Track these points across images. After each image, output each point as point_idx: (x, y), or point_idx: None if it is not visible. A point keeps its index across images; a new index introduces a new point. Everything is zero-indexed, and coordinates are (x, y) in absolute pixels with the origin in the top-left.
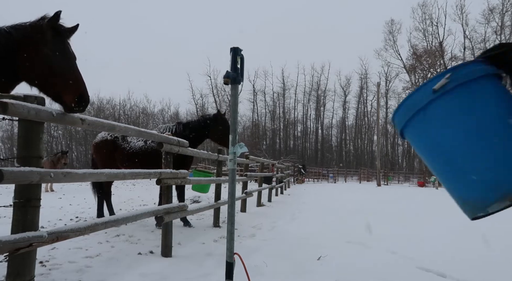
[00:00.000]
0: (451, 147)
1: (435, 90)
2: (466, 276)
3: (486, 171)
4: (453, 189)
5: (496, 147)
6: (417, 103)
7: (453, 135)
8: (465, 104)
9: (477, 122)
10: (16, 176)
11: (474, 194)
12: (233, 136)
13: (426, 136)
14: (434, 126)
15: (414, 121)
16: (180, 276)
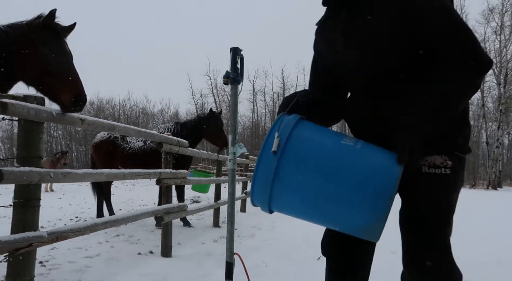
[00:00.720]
0: (313, 194)
1: (275, 152)
2: (466, 276)
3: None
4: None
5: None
6: (267, 174)
7: (310, 183)
8: (301, 150)
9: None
10: (16, 176)
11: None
12: (232, 136)
13: (293, 199)
14: (293, 186)
15: (276, 192)
16: (180, 276)
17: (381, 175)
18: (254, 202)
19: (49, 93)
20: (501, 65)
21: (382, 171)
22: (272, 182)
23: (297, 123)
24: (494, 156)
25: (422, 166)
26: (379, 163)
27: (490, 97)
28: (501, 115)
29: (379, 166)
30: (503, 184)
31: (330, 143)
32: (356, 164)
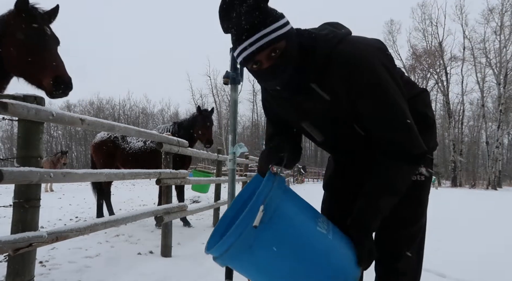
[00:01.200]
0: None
1: (255, 226)
2: (466, 276)
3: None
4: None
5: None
6: (243, 246)
7: (279, 265)
8: (281, 231)
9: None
10: (16, 176)
11: None
12: (232, 136)
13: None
14: (261, 263)
15: (242, 256)
16: (180, 276)
17: (346, 278)
18: (209, 248)
19: (31, 80)
20: (501, 65)
21: (346, 274)
22: (245, 250)
23: (283, 196)
24: (494, 156)
25: None
26: (345, 265)
27: (490, 97)
28: (501, 115)
29: (346, 267)
30: (503, 184)
31: (307, 228)
32: (326, 260)
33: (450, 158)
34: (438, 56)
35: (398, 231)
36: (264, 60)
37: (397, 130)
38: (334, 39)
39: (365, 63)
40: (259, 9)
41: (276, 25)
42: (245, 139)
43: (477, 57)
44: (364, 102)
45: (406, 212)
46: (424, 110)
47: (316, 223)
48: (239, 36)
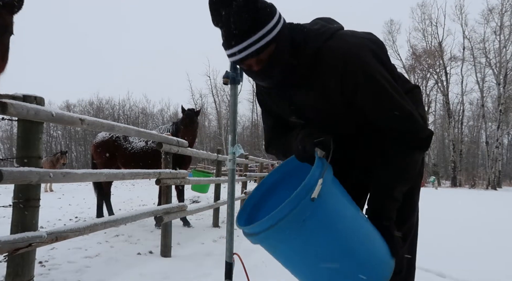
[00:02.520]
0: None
1: (313, 199)
2: (466, 276)
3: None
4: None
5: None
6: (296, 218)
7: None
8: (332, 209)
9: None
10: (16, 176)
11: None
12: (232, 136)
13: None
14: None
15: (285, 233)
16: (179, 276)
17: (381, 264)
18: (241, 223)
19: None
20: (501, 65)
21: (384, 261)
22: (299, 223)
23: (334, 179)
24: (493, 156)
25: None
26: (384, 252)
27: (490, 97)
28: (500, 115)
29: (386, 255)
30: (503, 184)
31: (354, 211)
32: (372, 244)
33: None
34: (438, 56)
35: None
36: (253, 64)
37: (400, 118)
38: (325, 34)
39: (357, 58)
40: (248, 10)
41: (266, 29)
42: (244, 139)
43: (476, 57)
44: (362, 97)
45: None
46: (416, 94)
47: (358, 210)
48: (228, 41)
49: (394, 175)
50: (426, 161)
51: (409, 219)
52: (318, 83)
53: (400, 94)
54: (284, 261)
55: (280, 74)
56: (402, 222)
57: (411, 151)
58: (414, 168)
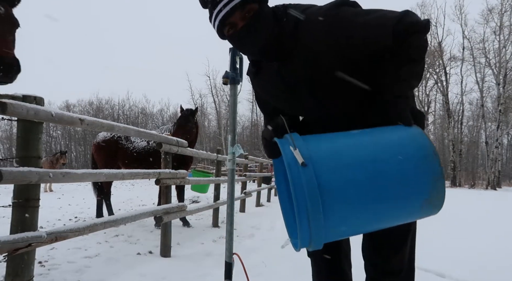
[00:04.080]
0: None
1: (304, 164)
2: (466, 276)
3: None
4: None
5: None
6: (311, 192)
7: (360, 174)
8: (330, 149)
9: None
10: (15, 176)
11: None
12: (232, 136)
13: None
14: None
15: (329, 209)
16: (179, 276)
17: (413, 140)
18: (303, 244)
19: None
20: (500, 65)
21: (409, 137)
22: (320, 197)
23: (305, 137)
24: (493, 156)
25: None
26: (400, 133)
27: (489, 97)
28: (500, 115)
29: (403, 135)
30: (502, 184)
31: (346, 135)
32: (387, 141)
33: (449, 158)
34: (438, 56)
35: (387, 231)
36: (238, 20)
37: (395, 19)
38: (304, 5)
39: (332, 8)
40: None
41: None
42: (244, 139)
43: (476, 57)
44: (354, 34)
45: None
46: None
47: (349, 132)
48: (215, 0)
49: (409, 63)
50: None
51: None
52: (302, 50)
53: (380, 9)
54: (358, 222)
55: (265, 35)
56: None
57: (420, 36)
58: (424, 54)
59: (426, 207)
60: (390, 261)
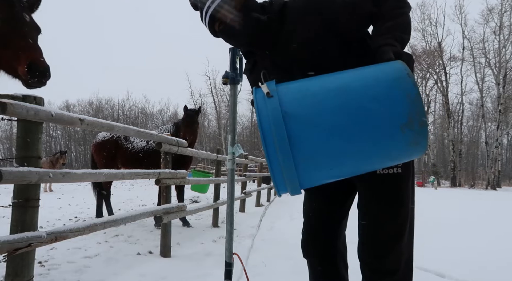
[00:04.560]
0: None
1: (268, 94)
2: (466, 276)
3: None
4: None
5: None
6: (277, 128)
7: (332, 115)
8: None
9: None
10: (15, 176)
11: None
12: (232, 136)
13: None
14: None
15: (300, 152)
16: (179, 276)
17: (388, 66)
18: (280, 189)
19: (7, 69)
20: (500, 65)
21: (385, 66)
22: (286, 124)
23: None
24: (493, 156)
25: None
26: (377, 66)
27: (489, 97)
28: (500, 115)
29: (380, 66)
30: (502, 184)
31: (317, 78)
32: (360, 71)
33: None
34: (438, 56)
35: (377, 230)
36: (227, 13)
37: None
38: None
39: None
40: None
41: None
42: (244, 139)
43: (476, 57)
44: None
45: (382, 210)
46: None
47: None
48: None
49: (399, 20)
50: (426, 161)
51: (398, 217)
52: (289, 29)
53: None
54: (334, 165)
55: (253, 23)
56: (393, 220)
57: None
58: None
59: (409, 135)
60: (384, 260)
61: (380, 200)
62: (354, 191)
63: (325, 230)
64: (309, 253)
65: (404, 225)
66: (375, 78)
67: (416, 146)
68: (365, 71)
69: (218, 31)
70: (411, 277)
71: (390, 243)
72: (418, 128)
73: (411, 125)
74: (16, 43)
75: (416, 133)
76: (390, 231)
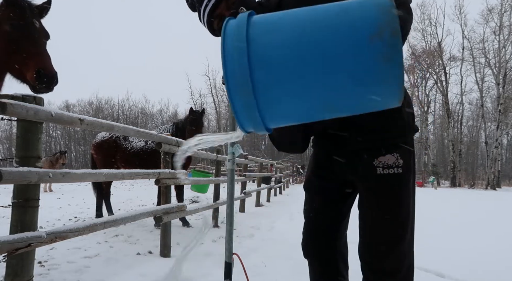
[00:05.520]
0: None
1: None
2: (465, 276)
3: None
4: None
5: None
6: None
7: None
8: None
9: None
10: (15, 176)
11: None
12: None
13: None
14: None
15: (262, 89)
16: (178, 276)
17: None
18: (244, 125)
19: (16, 74)
20: (500, 65)
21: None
22: (250, 71)
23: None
24: (493, 156)
25: (377, 168)
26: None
27: (489, 97)
28: (500, 115)
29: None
30: (502, 184)
31: (291, 11)
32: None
33: (449, 158)
34: (437, 56)
35: (378, 230)
36: (224, 11)
37: None
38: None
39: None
40: None
41: None
42: (244, 139)
43: (476, 57)
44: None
45: (383, 210)
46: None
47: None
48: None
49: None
50: (426, 161)
51: (398, 217)
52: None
53: None
54: (298, 106)
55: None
56: (392, 221)
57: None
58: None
59: (378, 45)
60: (385, 260)
61: (381, 200)
62: (355, 191)
63: (326, 230)
64: (310, 253)
65: (405, 226)
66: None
67: (388, 62)
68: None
69: (217, 29)
70: (412, 278)
71: (391, 244)
72: (389, 38)
73: (381, 35)
74: (26, 49)
75: (386, 44)
76: (391, 231)
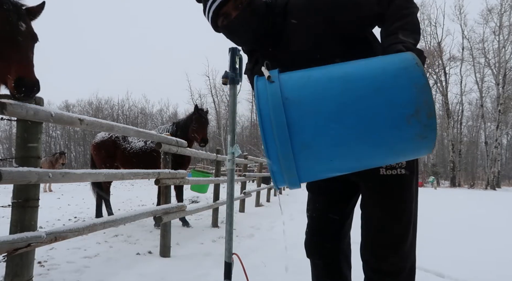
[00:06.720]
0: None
1: (269, 78)
2: (465, 276)
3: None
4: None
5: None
6: (278, 122)
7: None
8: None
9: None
10: (15, 176)
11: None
12: (231, 136)
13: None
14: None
15: (300, 145)
16: (178, 276)
17: (395, 57)
18: (277, 180)
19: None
20: (500, 65)
21: (392, 56)
22: (289, 131)
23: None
24: (492, 156)
25: (380, 169)
26: (384, 57)
27: (489, 97)
28: (499, 115)
29: (387, 57)
30: (502, 184)
31: (321, 67)
32: (366, 61)
33: (449, 158)
34: (437, 56)
35: (381, 231)
36: (231, 10)
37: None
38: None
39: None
40: None
41: None
42: (244, 139)
43: (476, 57)
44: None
45: (386, 211)
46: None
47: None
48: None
49: (408, 21)
50: (425, 161)
51: (401, 218)
52: (293, 26)
53: None
54: (334, 161)
55: (258, 22)
56: (395, 222)
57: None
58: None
59: (416, 127)
60: (387, 261)
61: (384, 201)
62: (358, 192)
63: (329, 231)
64: (312, 253)
65: (407, 227)
66: (381, 67)
67: (424, 140)
68: (372, 61)
69: (221, 27)
70: (414, 279)
71: (393, 244)
72: (426, 120)
73: (418, 116)
74: (6, 55)
75: (423, 125)
76: (393, 232)
